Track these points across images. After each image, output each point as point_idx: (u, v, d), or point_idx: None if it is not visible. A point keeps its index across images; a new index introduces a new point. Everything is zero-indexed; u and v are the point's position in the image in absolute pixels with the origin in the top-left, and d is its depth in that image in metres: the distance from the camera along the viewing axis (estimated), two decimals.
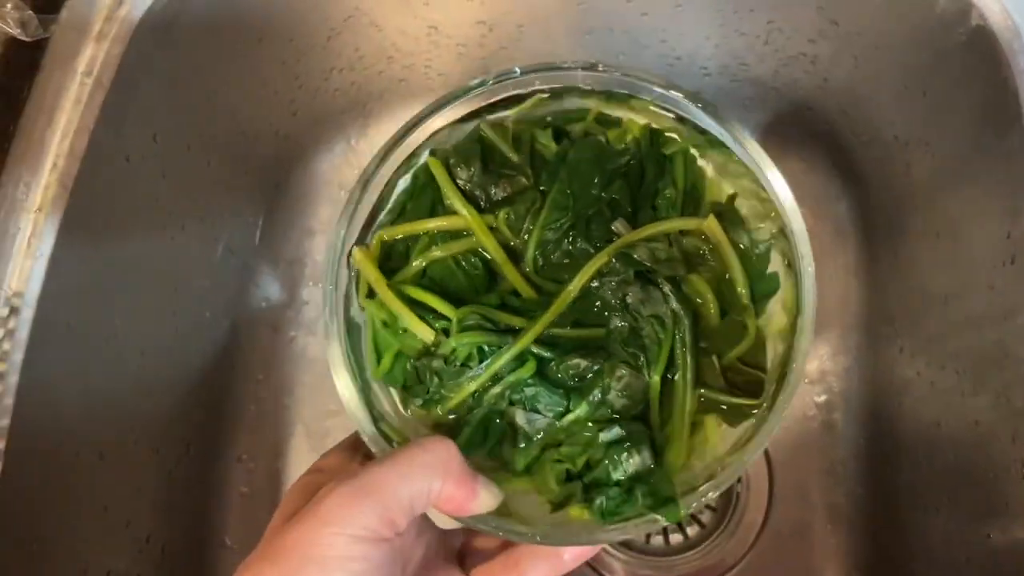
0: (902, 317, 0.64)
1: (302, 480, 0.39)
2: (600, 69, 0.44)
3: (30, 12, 0.51)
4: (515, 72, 0.44)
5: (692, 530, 0.70)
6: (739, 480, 0.70)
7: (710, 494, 0.39)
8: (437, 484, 0.36)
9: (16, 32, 0.51)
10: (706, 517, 0.71)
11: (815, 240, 0.41)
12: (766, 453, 0.71)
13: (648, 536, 0.70)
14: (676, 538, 0.70)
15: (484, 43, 0.68)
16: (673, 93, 0.44)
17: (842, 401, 0.70)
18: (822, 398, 0.70)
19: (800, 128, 0.71)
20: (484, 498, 0.38)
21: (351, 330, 0.44)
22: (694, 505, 0.39)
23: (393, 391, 0.44)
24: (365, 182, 0.44)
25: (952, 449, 0.56)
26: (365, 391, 0.43)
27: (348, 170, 0.76)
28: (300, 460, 0.71)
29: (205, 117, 0.63)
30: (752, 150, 0.43)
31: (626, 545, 0.70)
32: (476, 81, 0.44)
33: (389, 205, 0.46)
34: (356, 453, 0.42)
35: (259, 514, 0.69)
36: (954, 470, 0.56)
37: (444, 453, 0.37)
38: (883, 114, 0.63)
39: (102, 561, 0.56)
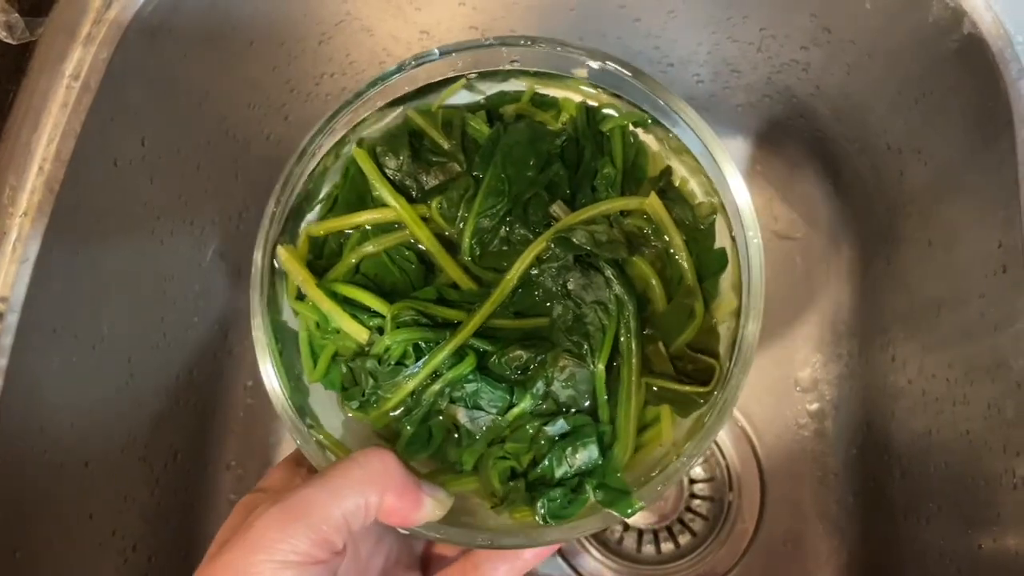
0: (894, 325, 0.64)
1: (244, 500, 0.38)
2: (522, 43, 0.42)
3: (16, 15, 0.51)
4: (434, 53, 0.42)
5: (683, 539, 0.70)
6: (730, 489, 0.70)
7: (659, 487, 0.38)
8: (374, 498, 0.35)
9: (2, 35, 0.51)
10: (697, 525, 0.70)
11: (807, 248, 0.40)
12: (757, 461, 0.70)
13: (639, 544, 0.70)
14: (667, 547, 0.70)
15: None
16: (605, 64, 0.42)
17: (834, 409, 0.70)
18: (814, 406, 0.70)
19: (792, 136, 0.71)
20: (430, 506, 0.37)
21: (282, 334, 0.42)
22: (648, 498, 0.38)
23: (336, 397, 0.42)
24: (298, 160, 0.42)
25: (944, 458, 0.55)
26: (300, 396, 0.41)
27: None
28: None
29: (194, 121, 0.62)
30: (691, 121, 0.41)
31: (616, 553, 0.70)
32: (395, 66, 0.43)
33: (319, 199, 0.44)
34: (300, 468, 0.41)
35: None
36: (945, 479, 0.55)
37: (379, 465, 0.36)
38: (876, 121, 0.63)
39: (87, 570, 0.55)
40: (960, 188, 0.55)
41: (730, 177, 0.40)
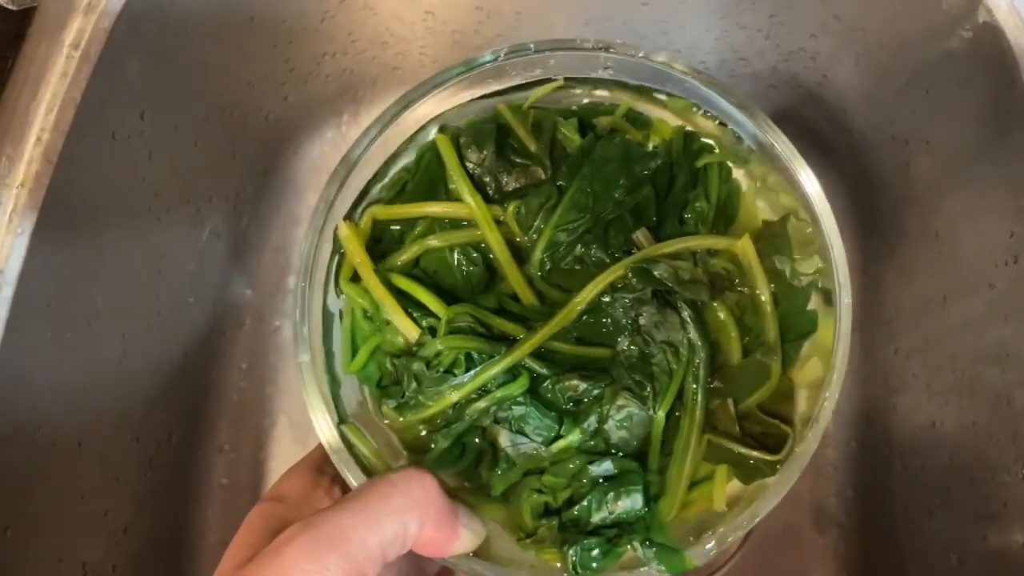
0: (898, 318, 0.64)
1: (260, 509, 0.36)
2: (623, 52, 0.40)
3: None
4: (529, 48, 0.40)
5: None
6: None
7: (710, 549, 0.35)
8: (414, 528, 0.32)
9: (2, 1, 0.49)
10: None
11: None
12: None
13: None
14: None
15: (480, 30, 0.67)
16: (705, 89, 0.39)
17: None
18: None
19: (798, 126, 0.71)
20: (466, 538, 0.35)
21: (324, 317, 0.40)
22: (699, 560, 0.35)
23: (367, 392, 0.40)
24: (367, 145, 0.39)
25: (948, 451, 0.55)
26: (333, 387, 0.39)
27: (338, 158, 0.74)
28: (283, 452, 0.70)
29: (194, 97, 0.61)
30: (794, 162, 0.38)
31: None
32: (489, 54, 0.40)
33: (386, 180, 0.42)
34: (321, 476, 0.39)
35: (240, 506, 0.68)
36: (949, 471, 0.55)
37: (421, 492, 0.33)
38: (883, 112, 0.62)
39: (77, 551, 0.54)
40: (969, 179, 0.55)
41: (828, 230, 0.37)
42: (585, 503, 0.37)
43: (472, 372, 0.37)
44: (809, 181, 0.38)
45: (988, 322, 0.51)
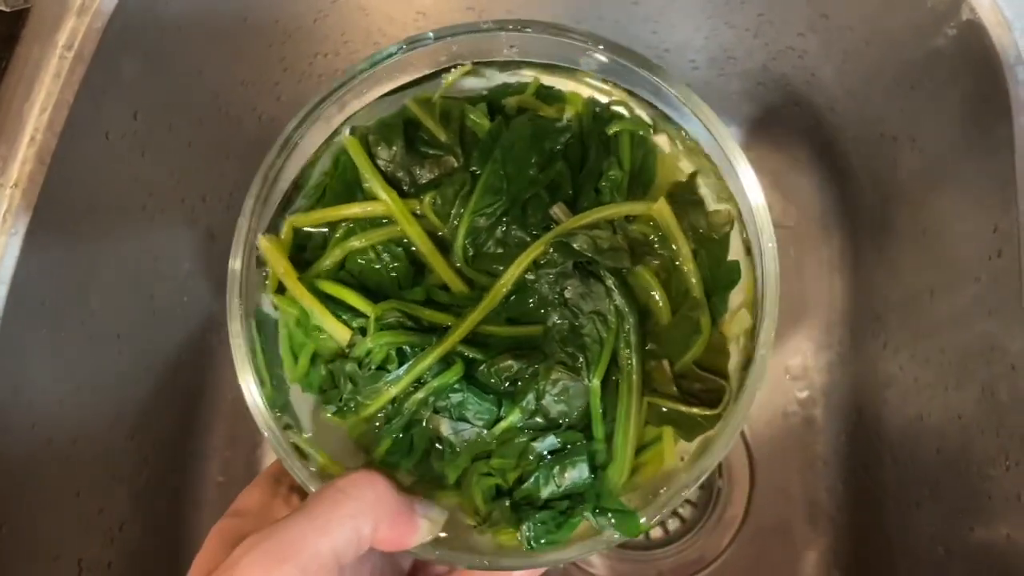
0: (886, 313, 0.64)
1: (218, 527, 0.36)
2: (518, 28, 0.39)
3: None
4: (428, 37, 0.39)
5: (672, 525, 0.70)
6: (719, 475, 0.70)
7: (663, 510, 0.36)
8: (367, 530, 0.33)
9: None
10: (686, 512, 0.70)
11: (800, 236, 0.39)
12: (747, 449, 0.71)
13: None
14: (656, 533, 0.70)
15: None
16: (612, 57, 0.39)
17: (823, 397, 0.70)
18: (803, 394, 0.70)
19: (786, 124, 0.71)
20: (425, 528, 0.35)
21: (265, 327, 0.40)
22: (654, 520, 0.36)
23: (315, 399, 0.40)
24: (277, 155, 0.39)
25: (935, 443, 0.56)
26: (281, 396, 0.39)
27: None
28: None
29: (188, 97, 0.61)
30: (706, 119, 0.38)
31: None
32: (392, 47, 0.40)
33: (307, 188, 0.42)
34: (278, 485, 0.39)
35: None
36: (937, 464, 0.56)
37: (371, 495, 0.33)
38: (871, 110, 0.63)
39: (74, 548, 0.54)
40: (955, 175, 0.55)
41: (745, 180, 0.38)
42: (533, 480, 0.37)
43: (406, 366, 0.37)
44: (721, 134, 0.38)
45: (974, 316, 0.52)
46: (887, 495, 0.62)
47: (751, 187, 0.37)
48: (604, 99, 0.42)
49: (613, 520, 0.37)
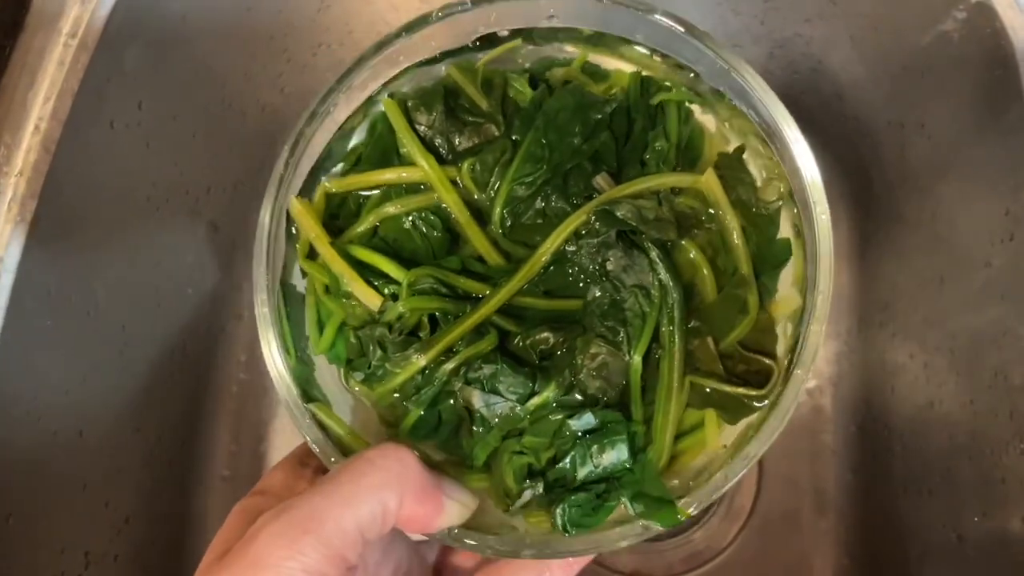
0: (895, 301, 0.64)
1: (241, 504, 0.35)
2: None
3: None
4: (467, 3, 0.38)
5: None
6: None
7: (704, 498, 0.34)
8: (392, 505, 0.31)
9: None
10: None
11: None
12: None
13: None
14: None
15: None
16: (666, 21, 0.37)
17: (831, 386, 0.70)
18: (812, 384, 0.70)
19: (793, 111, 0.70)
20: (453, 510, 0.33)
21: (291, 299, 0.39)
22: (692, 509, 0.34)
23: (341, 373, 0.39)
24: (307, 122, 0.38)
25: (946, 430, 0.55)
26: (304, 371, 0.38)
27: None
28: (283, 443, 0.70)
29: (192, 87, 0.61)
30: (757, 89, 0.36)
31: None
32: (419, 17, 0.38)
33: (340, 155, 0.41)
34: (304, 468, 0.38)
35: (240, 497, 0.67)
36: (948, 451, 0.55)
37: (397, 466, 0.32)
38: (878, 97, 0.63)
39: (79, 541, 0.54)
40: (965, 160, 0.55)
41: (798, 153, 0.36)
42: (568, 460, 0.35)
43: (438, 332, 0.36)
44: (772, 103, 0.37)
45: (985, 301, 0.52)
46: (897, 484, 0.61)
47: (804, 161, 0.36)
48: (650, 72, 0.41)
49: (651, 507, 0.35)
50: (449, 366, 0.36)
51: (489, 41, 0.41)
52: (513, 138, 0.39)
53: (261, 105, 0.69)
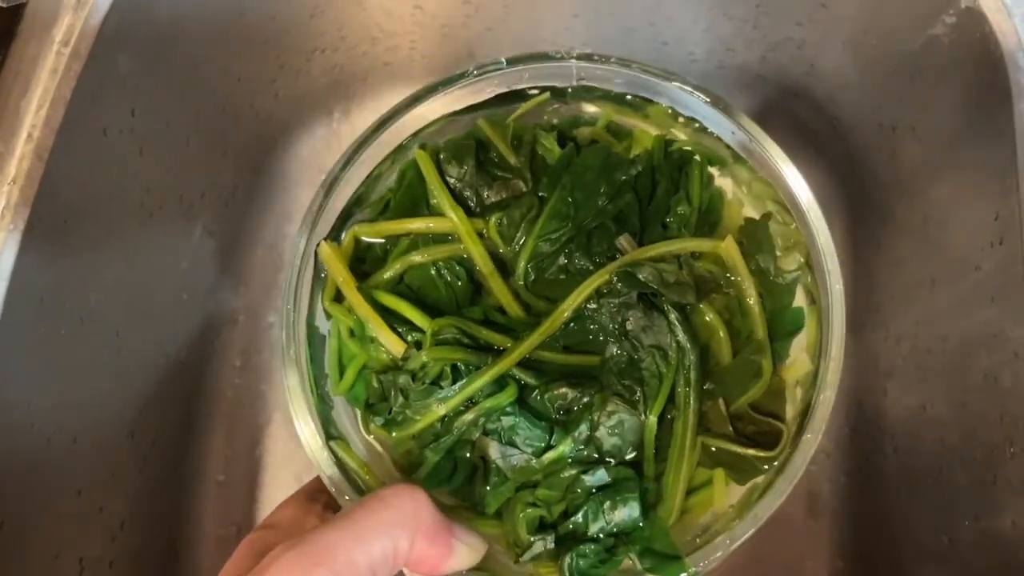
0: (887, 304, 0.64)
1: (250, 538, 0.35)
2: (596, 59, 0.40)
3: None
4: (502, 63, 0.40)
5: None
6: None
7: (714, 555, 0.34)
8: (404, 544, 0.31)
9: None
10: None
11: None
12: None
13: None
14: None
15: (469, 23, 0.67)
16: (685, 91, 0.39)
17: None
18: None
19: (785, 115, 0.71)
20: (462, 553, 0.34)
21: (312, 339, 0.39)
22: (701, 566, 0.34)
23: (358, 414, 0.40)
24: (343, 167, 0.40)
25: (938, 432, 0.56)
26: (324, 409, 0.38)
27: (329, 154, 0.74)
28: (277, 449, 0.70)
29: (185, 94, 0.61)
30: (779, 163, 0.38)
31: None
32: (456, 74, 0.40)
33: (370, 201, 0.42)
34: (313, 503, 0.38)
35: (236, 502, 0.68)
36: (940, 453, 0.56)
37: (410, 506, 0.32)
38: (870, 100, 0.63)
39: (75, 547, 0.54)
40: (955, 163, 0.55)
41: (813, 221, 0.37)
42: (581, 515, 0.36)
43: (459, 384, 0.37)
44: (792, 175, 0.38)
45: (975, 304, 0.52)
46: (890, 486, 0.61)
47: (819, 229, 0.37)
48: (674, 135, 0.42)
49: (659, 562, 0.35)
50: (468, 417, 0.37)
51: (518, 96, 0.42)
52: (540, 195, 0.40)
53: (255, 110, 0.69)
